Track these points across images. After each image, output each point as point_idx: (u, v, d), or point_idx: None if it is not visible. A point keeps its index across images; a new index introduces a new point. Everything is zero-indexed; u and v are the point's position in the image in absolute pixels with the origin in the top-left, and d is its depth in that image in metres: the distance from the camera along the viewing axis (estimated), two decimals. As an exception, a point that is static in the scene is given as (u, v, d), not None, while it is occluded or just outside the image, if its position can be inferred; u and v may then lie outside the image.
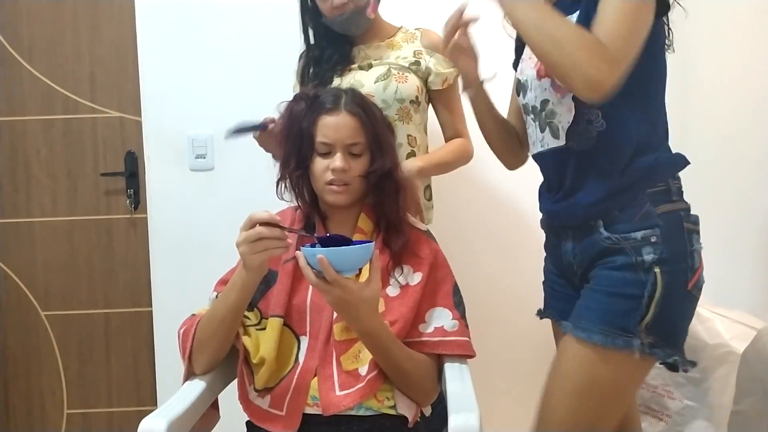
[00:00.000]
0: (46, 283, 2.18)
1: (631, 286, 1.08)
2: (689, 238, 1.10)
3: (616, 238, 1.10)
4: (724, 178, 1.79)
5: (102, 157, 2.15)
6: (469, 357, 1.25)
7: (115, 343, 2.19)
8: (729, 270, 1.76)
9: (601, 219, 1.12)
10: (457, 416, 1.04)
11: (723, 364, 1.45)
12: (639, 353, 1.06)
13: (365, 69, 1.56)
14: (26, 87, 2.12)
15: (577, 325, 1.11)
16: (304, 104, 1.25)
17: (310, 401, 1.18)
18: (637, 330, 1.06)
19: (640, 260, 1.08)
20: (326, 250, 1.03)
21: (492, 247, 1.91)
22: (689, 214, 1.13)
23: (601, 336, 1.08)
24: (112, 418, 2.20)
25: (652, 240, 1.08)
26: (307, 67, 1.61)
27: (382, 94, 1.52)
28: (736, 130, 1.71)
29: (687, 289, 1.09)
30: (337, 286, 1.04)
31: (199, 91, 2.03)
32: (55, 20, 2.11)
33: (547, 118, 1.17)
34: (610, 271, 1.11)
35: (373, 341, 1.14)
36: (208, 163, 2.04)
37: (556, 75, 1.09)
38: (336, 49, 1.58)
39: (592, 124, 1.11)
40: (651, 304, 1.06)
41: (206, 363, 1.21)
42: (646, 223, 1.09)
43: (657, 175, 1.11)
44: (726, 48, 1.78)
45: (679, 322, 1.11)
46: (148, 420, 1.07)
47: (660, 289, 1.06)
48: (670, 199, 1.11)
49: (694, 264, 1.10)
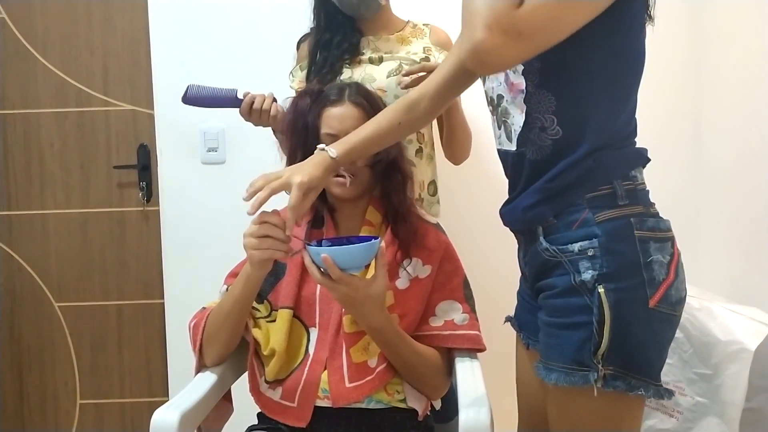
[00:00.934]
0: (59, 274, 2.20)
1: (578, 312, 0.93)
2: (643, 248, 0.93)
3: (553, 250, 0.97)
4: (738, 176, 1.77)
5: (115, 150, 2.17)
6: (480, 351, 1.25)
7: (127, 335, 2.21)
8: (743, 266, 1.74)
9: (540, 226, 0.99)
10: (468, 411, 1.04)
11: (735, 361, 1.44)
12: (598, 389, 0.92)
13: (375, 63, 1.56)
14: (40, 80, 2.14)
15: (545, 366, 0.98)
16: (309, 99, 1.26)
17: (320, 394, 1.19)
18: (593, 362, 0.92)
19: (580, 280, 0.93)
20: (330, 249, 1.04)
21: (499, 241, 1.90)
22: (644, 219, 0.95)
23: (559, 374, 0.95)
24: (124, 408, 2.23)
25: (590, 253, 0.93)
26: (316, 48, 1.59)
27: (394, 89, 1.51)
28: (753, 127, 1.69)
29: (649, 307, 0.92)
30: (343, 283, 1.04)
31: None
32: (68, 14, 2.12)
33: (501, 116, 1.04)
34: (554, 300, 0.98)
35: (380, 336, 1.14)
36: (220, 156, 2.04)
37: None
38: (345, 37, 1.57)
39: (546, 132, 0.97)
40: (603, 331, 0.91)
41: (216, 355, 1.22)
42: (583, 233, 0.94)
43: (597, 176, 0.95)
44: (742, 47, 1.75)
45: (645, 348, 0.94)
46: (160, 411, 1.08)
47: (608, 311, 0.91)
48: (616, 204, 0.94)
49: (654, 277, 0.93)
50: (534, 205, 0.99)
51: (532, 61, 0.94)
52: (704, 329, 1.49)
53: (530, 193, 1.00)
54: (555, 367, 0.95)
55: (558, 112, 0.95)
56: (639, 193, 0.97)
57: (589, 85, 0.93)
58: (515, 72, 0.98)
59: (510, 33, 0.82)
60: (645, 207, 0.96)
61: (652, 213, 0.97)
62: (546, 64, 0.94)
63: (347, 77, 1.53)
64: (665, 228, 0.97)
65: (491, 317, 1.45)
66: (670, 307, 0.95)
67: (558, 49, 0.89)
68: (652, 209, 0.98)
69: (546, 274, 0.99)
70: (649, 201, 0.98)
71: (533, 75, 0.95)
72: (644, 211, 0.96)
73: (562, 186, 0.96)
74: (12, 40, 2.12)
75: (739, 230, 1.77)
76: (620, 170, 0.95)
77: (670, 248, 0.96)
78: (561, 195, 0.96)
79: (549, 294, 0.99)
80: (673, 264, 0.96)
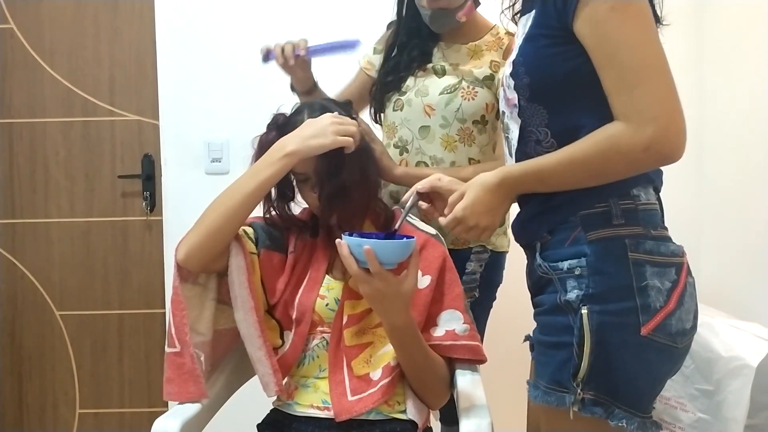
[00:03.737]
0: (61, 283, 2.20)
1: (562, 332, 0.92)
2: (637, 271, 0.89)
3: (545, 266, 0.95)
4: (741, 191, 1.78)
5: (119, 160, 2.18)
6: (481, 362, 1.25)
7: (128, 344, 2.21)
8: (745, 282, 1.74)
9: (537, 241, 0.98)
10: (469, 423, 1.04)
11: (737, 377, 1.44)
12: (574, 412, 0.89)
13: (438, 74, 1.46)
14: (47, 90, 2.16)
15: (534, 383, 0.97)
16: (275, 133, 1.22)
17: (321, 404, 1.19)
18: (571, 384, 0.90)
19: (564, 300, 0.91)
20: (372, 241, 1.01)
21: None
22: (642, 242, 0.90)
23: (540, 393, 0.94)
24: (123, 418, 2.22)
25: (577, 272, 0.91)
26: (390, 51, 1.51)
27: (443, 109, 1.43)
28: (755, 142, 1.70)
29: (640, 334, 0.88)
30: (379, 278, 1.02)
31: (217, 96, 2.05)
32: (76, 25, 2.15)
33: (504, 132, 1.04)
34: (543, 317, 0.97)
35: (400, 336, 1.13)
36: (224, 166, 2.05)
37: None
38: (419, 43, 1.48)
39: (541, 144, 0.96)
40: (582, 353, 0.88)
41: (202, 251, 1.18)
42: (573, 251, 0.92)
43: (592, 193, 0.91)
44: (744, 59, 1.77)
45: (634, 377, 0.90)
46: (161, 420, 1.08)
47: (589, 334, 0.88)
48: (610, 223, 0.91)
49: (649, 303, 0.88)
50: (530, 220, 0.99)
51: (521, 77, 0.95)
52: (706, 345, 1.49)
53: (528, 207, 1.01)
54: (539, 385, 0.95)
55: (551, 124, 0.95)
56: (640, 214, 0.92)
57: (579, 96, 0.92)
58: (509, 87, 0.99)
59: (651, 135, 0.86)
60: (645, 228, 0.92)
61: (654, 235, 0.92)
62: (535, 78, 0.94)
63: (406, 85, 1.47)
64: (668, 253, 0.92)
65: (493, 328, 1.45)
66: (668, 337, 0.90)
67: (546, 63, 0.91)
68: (656, 231, 0.93)
69: (540, 290, 1.00)
70: (654, 222, 0.94)
71: (524, 89, 0.96)
72: (643, 233, 0.91)
73: (557, 201, 0.95)
74: (20, 50, 2.15)
75: (741, 246, 1.77)
76: (618, 188, 0.91)
77: (674, 275, 0.91)
78: (555, 211, 0.95)
79: (539, 311, 0.98)
80: (676, 292, 0.90)
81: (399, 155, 1.50)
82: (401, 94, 1.48)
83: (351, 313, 1.21)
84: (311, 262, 1.28)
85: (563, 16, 0.89)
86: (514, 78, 0.96)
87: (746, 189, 1.75)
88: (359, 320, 1.21)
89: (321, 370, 1.22)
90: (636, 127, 0.86)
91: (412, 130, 1.47)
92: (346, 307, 1.21)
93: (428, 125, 1.46)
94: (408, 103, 1.47)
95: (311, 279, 1.25)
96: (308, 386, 1.22)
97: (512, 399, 1.25)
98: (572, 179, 0.92)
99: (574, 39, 0.89)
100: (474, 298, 1.49)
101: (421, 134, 1.47)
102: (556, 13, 0.90)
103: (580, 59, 0.90)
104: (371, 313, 1.22)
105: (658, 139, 0.85)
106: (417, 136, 1.47)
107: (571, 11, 0.88)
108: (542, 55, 0.93)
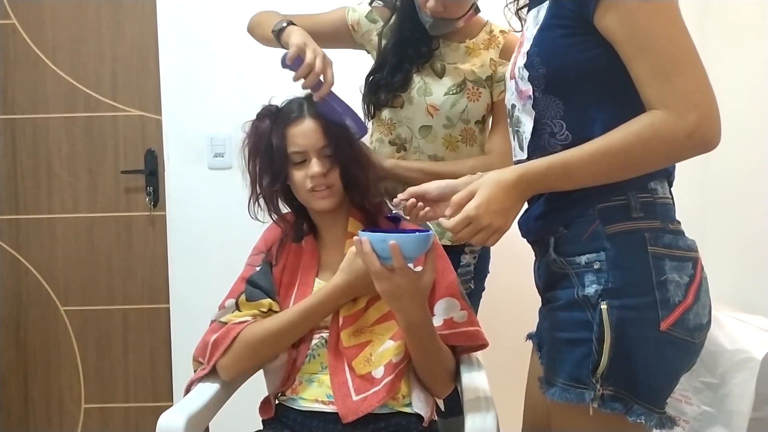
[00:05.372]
0: (65, 278, 2.21)
1: (580, 328, 0.90)
2: (656, 265, 0.88)
3: (561, 261, 0.94)
4: (745, 185, 1.77)
5: (122, 155, 2.18)
6: (482, 347, 1.25)
7: (132, 339, 2.22)
8: (749, 275, 1.74)
9: (552, 236, 0.96)
10: (474, 417, 1.04)
11: (742, 370, 1.43)
12: (594, 408, 0.88)
13: (438, 73, 1.45)
14: (49, 85, 2.16)
15: (547, 380, 0.97)
16: (269, 120, 1.26)
17: (325, 398, 1.19)
18: (590, 380, 0.89)
19: (583, 295, 0.90)
20: (396, 236, 0.99)
21: (513, 254, 1.91)
22: (661, 236, 0.90)
23: (558, 390, 0.93)
24: (128, 413, 2.23)
25: (596, 267, 0.89)
26: (396, 45, 1.45)
27: (448, 110, 1.42)
28: (759, 137, 1.69)
29: (660, 329, 0.87)
30: (401, 273, 1.01)
31: (219, 91, 2.05)
32: (78, 20, 2.14)
33: (514, 125, 1.02)
34: (558, 313, 0.95)
35: (416, 332, 1.13)
36: (227, 161, 2.05)
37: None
38: (424, 42, 1.44)
39: (555, 137, 0.94)
40: (602, 349, 0.88)
41: (242, 371, 1.22)
42: (592, 246, 0.91)
43: (610, 186, 0.90)
44: (748, 56, 1.76)
45: (653, 373, 0.89)
46: (166, 415, 1.08)
47: (609, 330, 0.87)
48: (629, 216, 0.90)
49: (668, 298, 0.88)
50: (544, 215, 0.97)
51: (537, 67, 0.94)
52: (711, 338, 1.48)
53: (541, 202, 0.98)
54: (555, 382, 0.94)
55: (566, 116, 0.93)
56: (658, 207, 0.92)
57: (596, 87, 0.91)
58: (522, 79, 0.97)
59: (691, 121, 0.85)
60: (663, 222, 0.91)
61: (672, 229, 0.92)
62: (551, 68, 0.93)
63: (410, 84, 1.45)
64: (686, 247, 0.92)
65: (497, 322, 1.45)
66: (687, 332, 0.89)
67: (563, 53, 0.90)
68: (672, 225, 0.93)
69: (553, 285, 0.98)
70: (671, 217, 0.94)
71: (539, 80, 0.94)
72: (661, 227, 0.91)
73: (574, 196, 0.92)
74: (22, 46, 2.14)
75: (745, 239, 1.76)
76: (637, 180, 0.90)
77: (691, 269, 0.91)
78: (572, 204, 0.93)
79: (553, 306, 0.97)
80: (693, 286, 0.90)
81: (396, 152, 1.49)
82: (402, 91, 1.47)
83: (346, 315, 1.21)
84: (299, 268, 1.28)
85: (583, 7, 0.88)
86: (528, 69, 0.95)
87: (751, 182, 1.74)
88: (355, 320, 1.22)
89: (323, 367, 1.22)
90: (679, 114, 0.84)
91: (412, 128, 1.46)
92: (341, 309, 1.21)
93: (430, 125, 1.45)
94: (409, 101, 1.45)
95: (302, 284, 1.26)
96: (312, 381, 1.22)
97: (512, 394, 1.25)
98: (605, 172, 0.88)
99: (592, 30, 0.88)
100: (470, 290, 1.49)
101: (421, 134, 1.46)
102: (574, 4, 0.89)
103: (597, 50, 0.89)
104: (366, 312, 1.22)
105: (702, 125, 0.84)
106: (417, 135, 1.46)
107: (592, 3, 0.87)
108: (559, 45, 0.92)
